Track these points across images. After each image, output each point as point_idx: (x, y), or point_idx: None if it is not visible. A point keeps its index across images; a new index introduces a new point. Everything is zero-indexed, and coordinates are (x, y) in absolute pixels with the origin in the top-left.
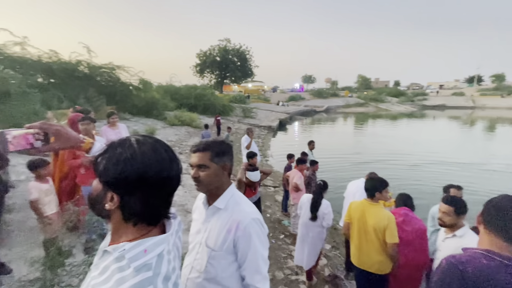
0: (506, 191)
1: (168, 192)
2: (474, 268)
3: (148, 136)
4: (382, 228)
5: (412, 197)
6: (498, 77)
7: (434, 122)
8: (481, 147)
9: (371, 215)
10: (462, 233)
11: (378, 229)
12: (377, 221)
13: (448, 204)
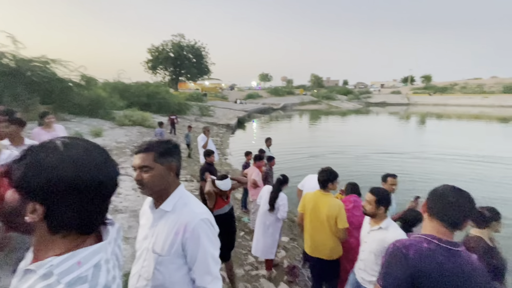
0: (435, 174)
1: (103, 197)
2: (416, 251)
3: (77, 138)
4: (334, 215)
5: (358, 185)
6: (427, 77)
7: (377, 117)
8: (415, 138)
9: (324, 204)
10: (386, 225)
11: (331, 216)
12: (329, 209)
13: (371, 193)
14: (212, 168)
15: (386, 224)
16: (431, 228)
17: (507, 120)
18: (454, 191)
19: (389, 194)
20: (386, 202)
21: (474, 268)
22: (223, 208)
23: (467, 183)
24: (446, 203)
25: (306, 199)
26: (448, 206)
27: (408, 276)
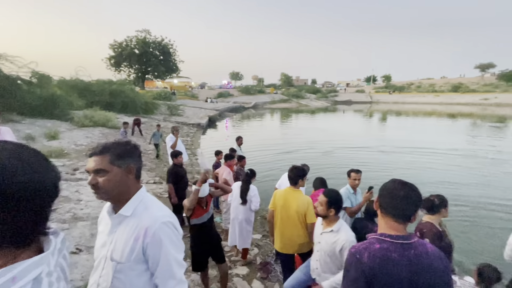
0: (396, 166)
1: (39, 205)
2: (369, 254)
3: (9, 142)
4: (303, 211)
5: (325, 180)
6: (387, 77)
7: (344, 114)
8: (377, 133)
9: (294, 201)
10: (338, 227)
11: (300, 212)
12: (299, 205)
13: (323, 194)
14: (181, 169)
15: (338, 226)
16: (384, 225)
17: (454, 116)
18: (403, 186)
19: (340, 197)
20: (337, 204)
21: (432, 255)
22: (201, 217)
23: (421, 172)
24: (397, 198)
25: (277, 196)
26: (399, 201)
27: (364, 280)
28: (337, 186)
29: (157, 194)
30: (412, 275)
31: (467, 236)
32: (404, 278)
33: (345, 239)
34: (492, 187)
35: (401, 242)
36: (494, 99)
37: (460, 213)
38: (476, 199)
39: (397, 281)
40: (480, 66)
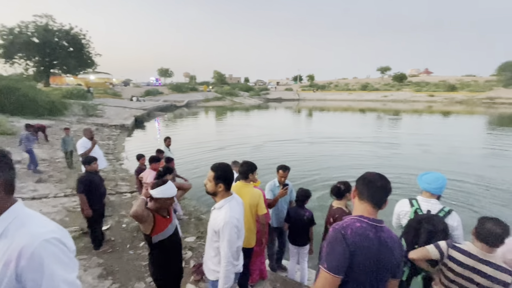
0: (321, 156)
1: None
2: (352, 230)
3: None
4: (255, 203)
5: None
6: (311, 77)
7: (275, 111)
8: (304, 127)
9: (246, 195)
10: (221, 205)
11: (253, 205)
12: (251, 199)
13: (211, 169)
14: (96, 177)
15: (221, 204)
16: (362, 209)
17: (364, 111)
18: (380, 177)
19: (229, 170)
20: (226, 179)
21: (394, 240)
22: (166, 229)
23: (344, 159)
24: (375, 188)
25: None
26: (376, 190)
27: (348, 253)
28: (267, 177)
29: (68, 209)
30: (379, 253)
31: None
32: (374, 254)
33: (223, 218)
34: (388, 165)
35: (376, 224)
36: (391, 96)
37: None
38: None
39: (369, 256)
40: (380, 68)
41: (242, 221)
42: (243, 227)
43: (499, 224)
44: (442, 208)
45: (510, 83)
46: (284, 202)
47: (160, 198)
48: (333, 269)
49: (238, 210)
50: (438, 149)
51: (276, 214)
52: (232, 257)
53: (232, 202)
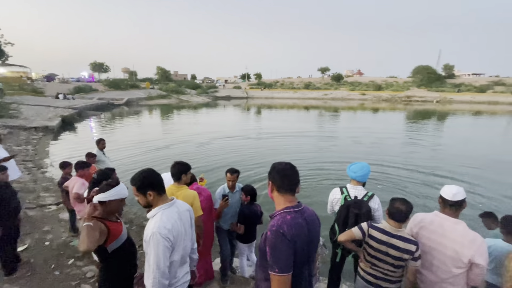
0: (267, 150)
1: None
2: (287, 224)
3: None
4: (190, 205)
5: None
6: (258, 75)
7: (224, 109)
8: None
9: (180, 197)
10: (152, 214)
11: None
12: (185, 200)
13: (131, 183)
14: (6, 189)
15: (153, 213)
16: (284, 201)
17: (308, 108)
18: (290, 166)
19: (152, 174)
20: (150, 184)
21: (313, 214)
22: (122, 234)
23: (291, 152)
24: (289, 176)
25: None
26: (290, 178)
27: (291, 248)
28: (211, 173)
29: None
30: (309, 232)
31: (308, 191)
32: (307, 237)
33: (150, 229)
34: (325, 156)
35: (299, 209)
36: (330, 95)
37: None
38: (315, 165)
39: (304, 239)
40: (321, 69)
41: (184, 231)
42: (185, 238)
43: (405, 203)
44: (366, 193)
45: (422, 83)
46: (235, 207)
47: (113, 201)
48: (284, 269)
49: (174, 218)
50: (367, 140)
51: (232, 217)
52: (161, 275)
53: (169, 210)
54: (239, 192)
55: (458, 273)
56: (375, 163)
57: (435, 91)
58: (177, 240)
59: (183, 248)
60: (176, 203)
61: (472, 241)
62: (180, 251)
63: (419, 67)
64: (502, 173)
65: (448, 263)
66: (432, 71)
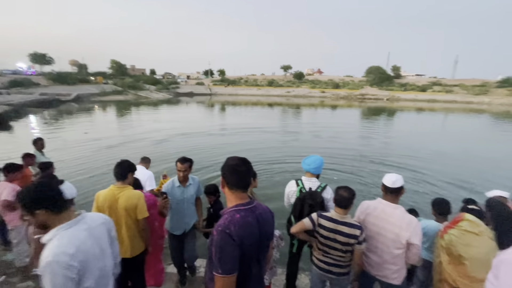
0: (228, 146)
1: None
2: (235, 224)
3: None
4: (133, 206)
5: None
6: (222, 72)
7: (187, 106)
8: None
9: (122, 198)
10: (49, 238)
11: (130, 208)
12: (128, 201)
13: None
14: None
15: (50, 236)
16: (235, 198)
17: (272, 105)
18: (242, 162)
19: (41, 188)
20: (36, 203)
21: (266, 210)
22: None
23: (254, 147)
24: (241, 173)
25: (100, 199)
26: (242, 175)
27: (237, 249)
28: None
29: None
30: (260, 230)
31: (267, 184)
32: (257, 235)
33: (45, 258)
34: (286, 150)
35: (251, 207)
36: (293, 92)
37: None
38: (277, 159)
39: (253, 239)
40: (283, 67)
41: (99, 251)
42: (100, 258)
43: (347, 190)
44: (319, 184)
45: (374, 82)
46: (189, 203)
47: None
48: (228, 271)
49: (81, 238)
50: (326, 134)
51: (178, 220)
52: None
53: (72, 230)
54: (193, 186)
55: (398, 254)
56: (333, 156)
57: (385, 90)
58: (88, 265)
59: (100, 269)
60: (86, 218)
61: (409, 223)
62: (95, 275)
63: (371, 68)
64: (443, 161)
65: (390, 245)
66: (383, 71)
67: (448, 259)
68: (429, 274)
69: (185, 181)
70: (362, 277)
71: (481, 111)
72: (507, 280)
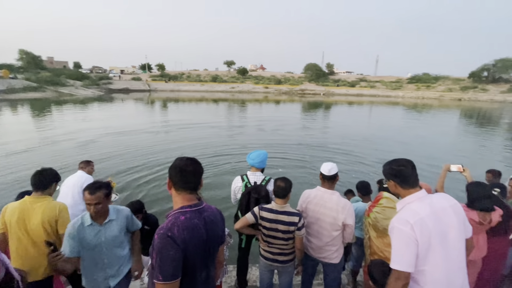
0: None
1: None
2: (178, 227)
3: None
4: (53, 219)
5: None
6: (161, 66)
7: (123, 104)
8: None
9: (38, 210)
10: None
11: (49, 222)
12: (46, 214)
13: None
14: None
15: None
16: (182, 200)
17: (217, 101)
18: (190, 162)
19: None
20: None
21: (215, 212)
22: None
23: (197, 143)
24: (188, 173)
25: (8, 212)
26: (190, 175)
27: (179, 253)
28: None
29: None
30: (207, 233)
31: (213, 180)
32: (203, 238)
33: None
34: (231, 144)
35: (198, 209)
36: (237, 88)
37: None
38: (223, 153)
39: (199, 243)
40: (226, 62)
41: None
42: None
43: (284, 180)
44: (264, 178)
45: (312, 79)
46: (112, 248)
47: None
48: (169, 277)
49: None
50: (269, 127)
51: (94, 274)
52: None
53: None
54: (118, 222)
55: (336, 235)
56: (277, 148)
57: (322, 85)
58: None
59: None
60: None
61: (344, 206)
62: None
63: (309, 65)
64: (374, 145)
65: (329, 228)
66: (319, 68)
67: (376, 234)
68: (362, 250)
69: (102, 217)
70: (305, 261)
71: (397, 103)
72: (395, 244)
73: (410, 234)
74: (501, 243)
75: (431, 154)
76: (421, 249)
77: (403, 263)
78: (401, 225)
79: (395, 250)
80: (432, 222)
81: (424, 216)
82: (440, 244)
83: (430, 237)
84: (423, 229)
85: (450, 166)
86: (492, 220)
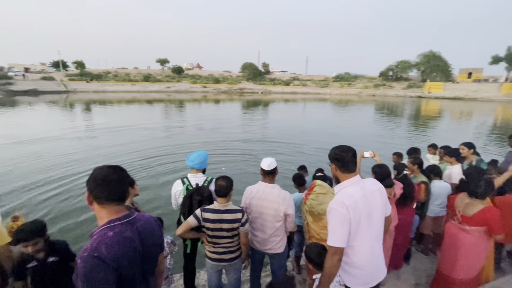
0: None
1: None
2: (106, 244)
3: None
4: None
5: None
6: (79, 64)
7: (30, 108)
8: (81, 122)
9: None
10: None
11: None
12: None
13: None
14: None
15: None
16: (108, 214)
17: (151, 102)
18: (113, 170)
19: None
20: None
21: (149, 220)
22: None
23: (130, 147)
24: (112, 183)
25: None
26: (114, 185)
27: (111, 272)
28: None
29: None
30: (142, 244)
31: (150, 184)
32: (137, 247)
33: None
34: (168, 146)
35: (129, 220)
36: (174, 87)
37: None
38: (160, 155)
39: (134, 255)
40: (159, 60)
41: None
42: None
43: (225, 179)
44: (206, 178)
45: (249, 77)
46: None
47: None
48: None
49: None
50: (208, 126)
51: None
52: None
53: None
54: None
55: (279, 226)
56: (218, 145)
57: (259, 84)
58: None
59: None
60: None
61: (284, 198)
62: None
63: (246, 64)
64: (310, 137)
65: (272, 220)
66: (255, 68)
67: (312, 218)
68: (303, 236)
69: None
70: (252, 254)
71: (326, 100)
72: (332, 224)
73: (345, 215)
74: (407, 212)
75: (356, 142)
76: (352, 227)
77: (339, 240)
78: (338, 207)
79: (332, 229)
80: (362, 203)
81: (357, 199)
82: (367, 223)
83: (360, 217)
84: (356, 210)
85: (363, 153)
86: (396, 193)
